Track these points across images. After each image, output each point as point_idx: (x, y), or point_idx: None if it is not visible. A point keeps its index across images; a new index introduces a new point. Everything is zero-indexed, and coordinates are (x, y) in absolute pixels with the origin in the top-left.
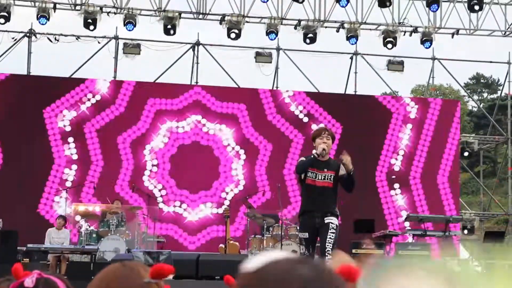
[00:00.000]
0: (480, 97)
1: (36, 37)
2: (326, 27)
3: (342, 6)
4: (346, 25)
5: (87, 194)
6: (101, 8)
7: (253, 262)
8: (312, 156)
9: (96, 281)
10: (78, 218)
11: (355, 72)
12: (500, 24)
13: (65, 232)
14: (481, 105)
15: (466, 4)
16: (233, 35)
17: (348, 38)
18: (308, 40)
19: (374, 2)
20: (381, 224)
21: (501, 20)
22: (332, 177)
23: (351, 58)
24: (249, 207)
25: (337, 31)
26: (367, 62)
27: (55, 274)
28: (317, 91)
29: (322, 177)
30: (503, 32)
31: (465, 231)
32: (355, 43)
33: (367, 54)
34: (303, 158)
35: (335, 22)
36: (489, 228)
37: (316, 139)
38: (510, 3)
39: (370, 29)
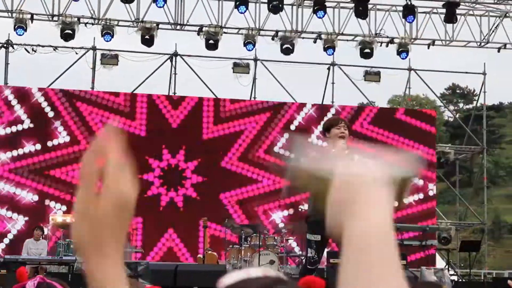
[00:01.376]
0: (456, 108)
1: (13, 47)
2: (303, 38)
3: (319, 17)
4: (323, 36)
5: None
6: (78, 19)
7: (228, 278)
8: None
9: None
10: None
11: (333, 83)
12: (475, 35)
13: (43, 243)
14: (457, 115)
15: (442, 16)
16: (210, 46)
17: (325, 49)
18: (285, 51)
19: (351, 13)
20: None
21: (476, 32)
22: None
23: (328, 68)
24: (227, 218)
25: (314, 42)
26: (344, 73)
27: (57, 279)
28: (293, 101)
29: None
30: (478, 43)
31: (442, 241)
32: (332, 53)
33: (344, 65)
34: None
35: (312, 33)
36: (465, 237)
37: (331, 128)
38: (485, 14)
39: (347, 40)
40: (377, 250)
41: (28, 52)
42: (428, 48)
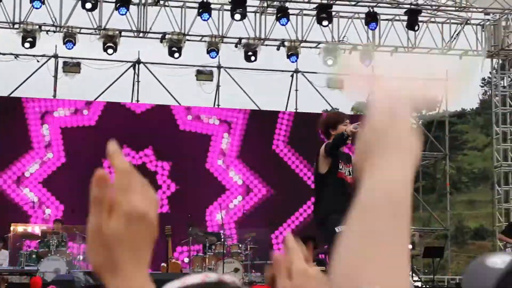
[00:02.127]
0: (419, 114)
1: None
2: (266, 45)
3: (282, 25)
4: (286, 43)
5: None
6: (40, 27)
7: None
8: (344, 137)
9: None
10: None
11: (296, 90)
12: (437, 42)
13: (4, 254)
14: (420, 122)
15: (404, 23)
16: (174, 54)
17: (288, 56)
18: (249, 58)
19: (314, 20)
20: None
21: (438, 38)
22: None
23: (292, 75)
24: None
25: (278, 49)
26: (308, 80)
27: None
28: (258, 108)
29: (348, 173)
30: (441, 50)
31: None
32: (296, 61)
33: (308, 72)
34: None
35: (276, 40)
36: (428, 243)
37: (338, 125)
38: (446, 21)
39: (310, 47)
40: (383, 216)
41: None
42: (391, 55)
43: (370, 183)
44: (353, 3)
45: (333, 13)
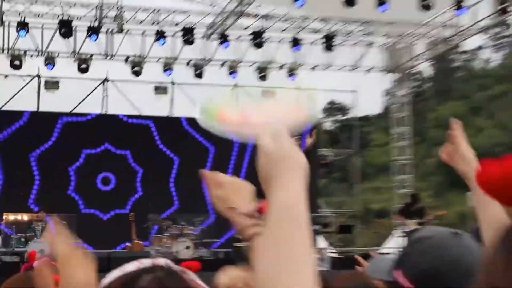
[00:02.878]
0: (334, 118)
1: None
2: (212, 64)
3: (224, 48)
4: (227, 63)
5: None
6: (25, 52)
7: (107, 279)
8: None
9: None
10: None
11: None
12: (349, 61)
13: None
14: (336, 125)
15: (323, 45)
16: (136, 72)
17: (230, 73)
18: (197, 75)
19: (250, 44)
20: None
21: (349, 58)
22: None
23: (232, 89)
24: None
25: (221, 67)
26: (246, 92)
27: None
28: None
29: None
30: (351, 67)
31: (324, 226)
32: (235, 77)
33: (245, 86)
34: None
35: (219, 60)
36: (342, 222)
37: None
38: (356, 44)
39: (247, 66)
40: (288, 217)
41: None
42: (313, 70)
43: (273, 204)
44: (281, 30)
45: (265, 38)
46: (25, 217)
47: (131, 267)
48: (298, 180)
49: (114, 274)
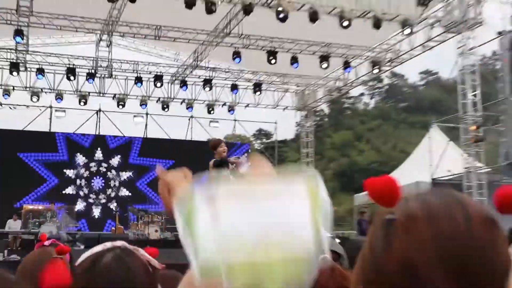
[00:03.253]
0: (261, 141)
1: (1, 105)
2: (175, 101)
3: (184, 90)
4: (186, 101)
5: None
6: (41, 90)
7: (80, 258)
8: (223, 161)
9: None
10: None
11: (191, 127)
12: (272, 101)
13: (19, 222)
14: (262, 145)
15: (253, 90)
16: (119, 105)
17: (187, 108)
18: (164, 109)
19: (201, 87)
20: None
21: (271, 100)
22: None
23: (189, 119)
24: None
25: (181, 103)
26: (199, 122)
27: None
28: (169, 137)
29: None
30: (273, 106)
31: None
32: (191, 111)
33: (199, 117)
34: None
35: (180, 99)
36: None
37: (217, 147)
38: (276, 90)
39: (200, 103)
40: None
41: (11, 109)
42: (245, 108)
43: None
44: (224, 78)
45: (213, 84)
46: (40, 207)
47: (97, 248)
48: None
49: (85, 255)
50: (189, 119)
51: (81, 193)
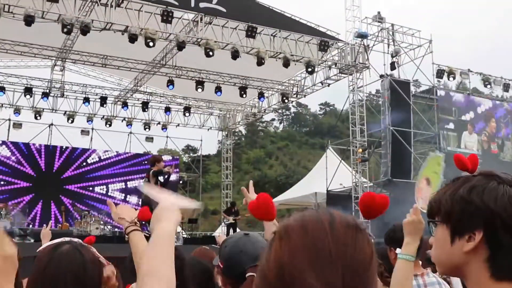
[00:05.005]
0: (189, 155)
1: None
2: (117, 119)
3: (125, 109)
4: (126, 119)
5: None
6: (2, 105)
7: (42, 246)
8: (163, 172)
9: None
10: None
11: (130, 141)
12: (199, 122)
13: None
14: (190, 159)
15: (183, 112)
16: (70, 121)
17: (127, 125)
18: (107, 125)
19: (140, 108)
20: None
21: (198, 121)
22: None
23: (128, 135)
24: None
25: (122, 121)
26: (136, 138)
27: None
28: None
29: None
30: (199, 126)
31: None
32: (130, 128)
33: (136, 133)
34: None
35: (121, 117)
36: (191, 217)
37: (158, 162)
38: (202, 113)
39: (138, 121)
40: (162, 241)
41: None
42: (176, 127)
43: (157, 232)
44: (159, 102)
45: (150, 106)
46: None
47: (56, 240)
48: (172, 224)
49: (46, 244)
50: (128, 135)
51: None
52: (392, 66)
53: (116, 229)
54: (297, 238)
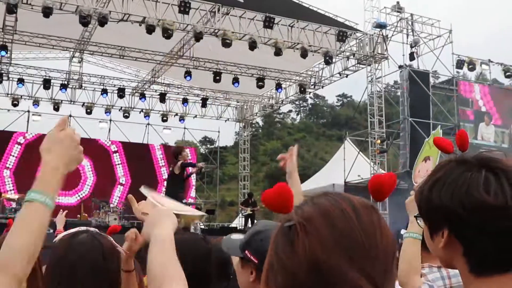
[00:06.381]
0: (206, 147)
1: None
2: (134, 110)
3: (143, 101)
4: (144, 110)
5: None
6: (21, 96)
7: (60, 235)
8: (192, 164)
9: None
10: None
11: (148, 133)
12: (216, 114)
13: None
14: (207, 150)
15: (201, 103)
16: (88, 112)
17: (145, 117)
18: (125, 117)
19: (158, 100)
20: None
21: (216, 112)
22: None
23: (146, 127)
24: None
25: (140, 112)
26: (155, 130)
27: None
28: (129, 141)
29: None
30: (217, 117)
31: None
32: (148, 119)
33: (154, 125)
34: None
35: (139, 108)
36: (208, 208)
37: (182, 152)
38: (219, 104)
39: (156, 113)
40: (165, 245)
41: None
42: (194, 118)
43: (160, 238)
44: (177, 93)
45: (167, 97)
46: (16, 196)
47: (73, 230)
48: (169, 228)
49: (64, 233)
50: (146, 126)
51: None
52: (411, 57)
53: (134, 221)
54: (323, 229)
